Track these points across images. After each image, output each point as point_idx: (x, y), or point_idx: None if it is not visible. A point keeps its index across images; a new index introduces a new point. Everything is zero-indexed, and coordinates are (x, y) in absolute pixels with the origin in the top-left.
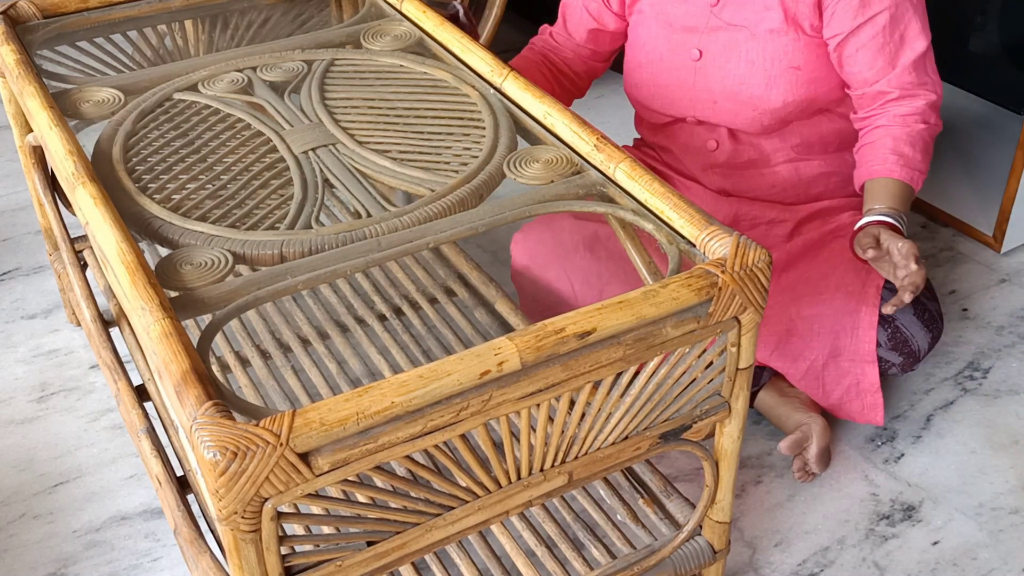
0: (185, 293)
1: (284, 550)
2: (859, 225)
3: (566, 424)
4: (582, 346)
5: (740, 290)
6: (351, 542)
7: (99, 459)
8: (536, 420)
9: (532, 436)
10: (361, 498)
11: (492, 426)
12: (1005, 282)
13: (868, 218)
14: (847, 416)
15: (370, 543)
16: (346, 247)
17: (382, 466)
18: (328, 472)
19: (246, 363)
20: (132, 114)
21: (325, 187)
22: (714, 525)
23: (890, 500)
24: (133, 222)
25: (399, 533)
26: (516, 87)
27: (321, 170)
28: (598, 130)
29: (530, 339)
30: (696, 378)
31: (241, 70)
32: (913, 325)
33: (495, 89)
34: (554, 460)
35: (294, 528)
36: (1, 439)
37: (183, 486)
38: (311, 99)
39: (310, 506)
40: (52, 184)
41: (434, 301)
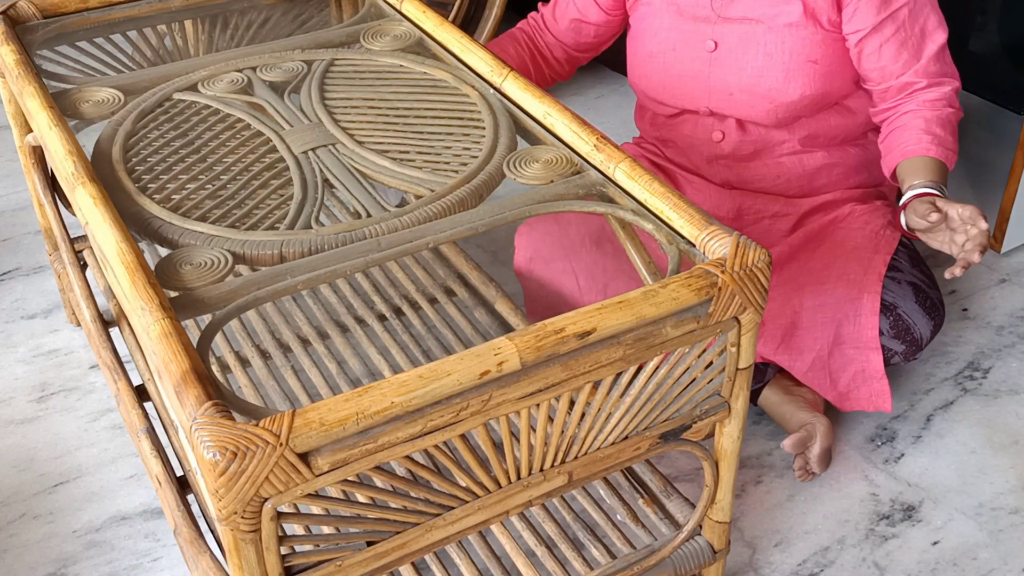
0: (185, 293)
1: (284, 550)
2: (906, 198)
3: (566, 424)
4: (582, 346)
5: (740, 290)
6: (351, 542)
7: (99, 459)
8: (536, 420)
9: (532, 436)
10: (361, 498)
11: (492, 426)
12: (1005, 282)
13: (913, 191)
14: (855, 406)
15: (370, 543)
16: (346, 247)
17: (382, 466)
18: (328, 472)
19: (246, 363)
20: (132, 114)
21: (325, 187)
22: (714, 525)
23: (890, 500)
24: (133, 222)
25: (399, 533)
26: (516, 87)
27: (321, 170)
28: (598, 130)
29: (530, 339)
30: (696, 378)
31: (241, 70)
32: (915, 313)
33: (495, 89)
34: (554, 460)
35: (294, 528)
36: (1, 439)
37: (183, 486)
38: (311, 99)
39: (310, 506)
40: (52, 184)
41: (434, 301)
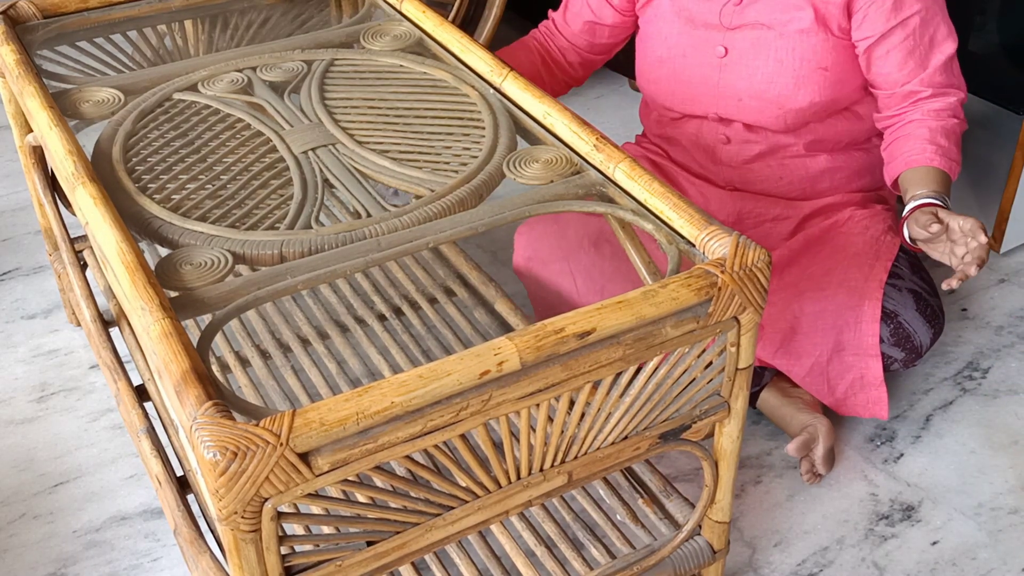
0: (185, 293)
1: (284, 550)
2: (909, 208)
3: (566, 424)
4: (582, 346)
5: (739, 290)
6: (351, 542)
7: (99, 459)
8: (536, 420)
9: (532, 436)
10: (361, 498)
11: (492, 426)
12: (1004, 282)
13: (916, 202)
14: (852, 412)
15: (370, 543)
16: (346, 247)
17: (382, 466)
18: (328, 472)
19: (246, 363)
20: (132, 114)
21: (325, 187)
22: (713, 525)
23: (889, 500)
24: (133, 222)
25: (399, 533)
26: (516, 87)
27: (321, 170)
28: (597, 130)
29: (530, 339)
30: (695, 378)
31: (241, 70)
32: (916, 321)
33: (495, 89)
34: (554, 460)
35: (294, 528)
36: (1, 439)
37: (183, 486)
38: (311, 99)
39: (310, 506)
40: (52, 184)
41: (434, 301)
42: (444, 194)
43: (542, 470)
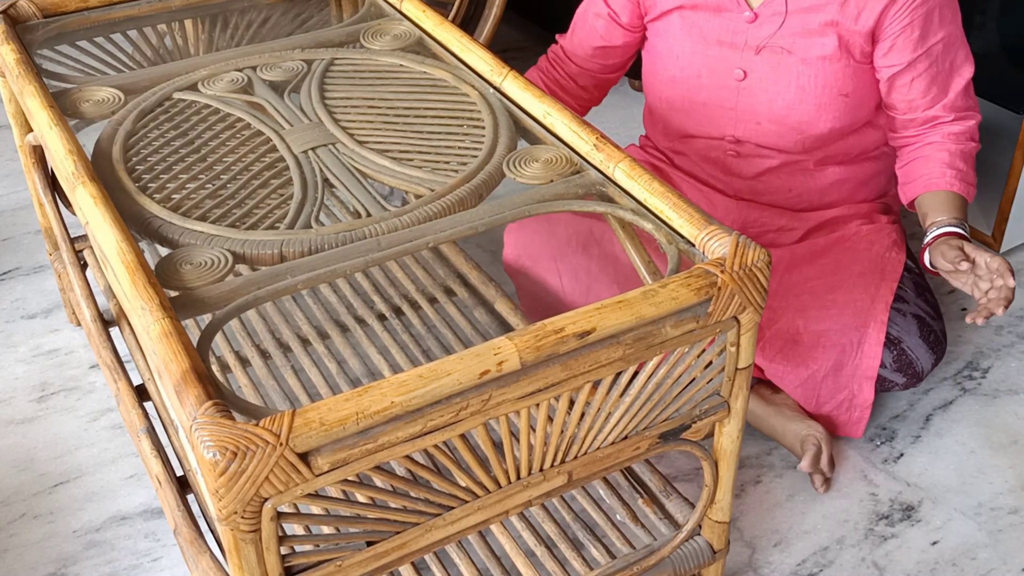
0: (185, 293)
1: (284, 550)
2: (932, 236)
3: (566, 424)
4: (581, 346)
5: (739, 290)
6: (351, 542)
7: (99, 459)
8: (536, 420)
9: (532, 436)
10: (361, 498)
11: (492, 426)
12: None
13: (939, 230)
14: (828, 425)
15: (370, 543)
16: (346, 247)
17: (382, 466)
18: (328, 472)
19: (246, 363)
20: (132, 114)
21: (325, 187)
22: (713, 525)
23: (889, 500)
24: (133, 222)
25: (399, 533)
26: (516, 87)
27: (321, 170)
28: (597, 129)
29: (530, 339)
30: (695, 378)
31: (241, 70)
32: (919, 348)
33: (495, 89)
34: (554, 460)
35: (294, 528)
36: (1, 439)
37: (183, 486)
38: (311, 99)
39: (310, 506)
40: (52, 184)
41: (434, 301)
42: (444, 194)
43: (542, 470)
